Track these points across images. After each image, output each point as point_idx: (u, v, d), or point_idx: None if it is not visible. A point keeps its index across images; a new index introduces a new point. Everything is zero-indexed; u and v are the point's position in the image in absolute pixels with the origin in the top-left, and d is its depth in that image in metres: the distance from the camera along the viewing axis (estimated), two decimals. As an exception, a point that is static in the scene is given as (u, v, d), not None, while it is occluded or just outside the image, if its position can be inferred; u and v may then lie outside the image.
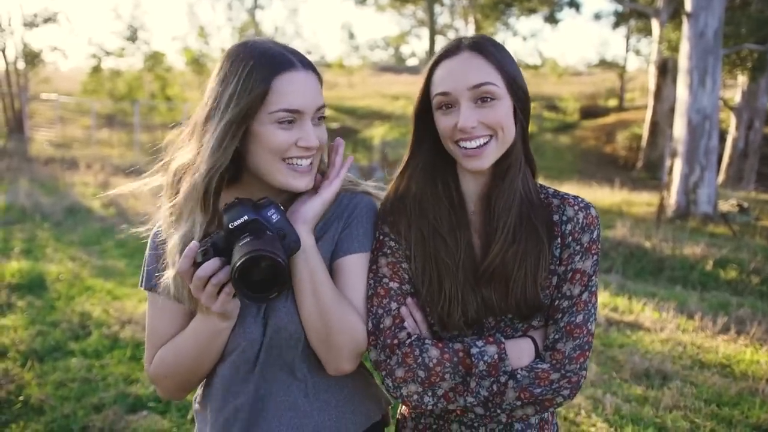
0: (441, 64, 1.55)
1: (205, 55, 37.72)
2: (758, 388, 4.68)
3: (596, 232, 1.57)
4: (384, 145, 23.29)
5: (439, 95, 1.53)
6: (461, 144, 1.52)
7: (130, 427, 3.91)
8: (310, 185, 1.56)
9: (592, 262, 1.56)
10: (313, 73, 1.54)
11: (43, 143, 22.54)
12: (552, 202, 1.60)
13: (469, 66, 1.51)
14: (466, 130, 1.49)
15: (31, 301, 6.19)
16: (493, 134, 1.51)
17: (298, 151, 1.50)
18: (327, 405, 1.63)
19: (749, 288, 8.19)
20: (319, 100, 1.53)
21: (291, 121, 1.48)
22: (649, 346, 5.59)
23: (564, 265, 1.55)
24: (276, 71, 1.47)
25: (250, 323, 1.56)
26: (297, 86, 1.48)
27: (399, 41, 47.01)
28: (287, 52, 1.52)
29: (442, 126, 1.55)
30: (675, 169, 14.06)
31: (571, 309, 1.53)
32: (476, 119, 1.49)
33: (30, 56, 28.67)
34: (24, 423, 3.90)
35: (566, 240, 1.56)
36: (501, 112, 1.51)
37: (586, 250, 1.55)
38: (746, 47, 16.61)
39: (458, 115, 1.50)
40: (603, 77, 41.98)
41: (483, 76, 1.49)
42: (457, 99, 1.50)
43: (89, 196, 12.89)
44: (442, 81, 1.53)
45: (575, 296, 1.54)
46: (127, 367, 4.74)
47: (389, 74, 51.64)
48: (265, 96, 1.46)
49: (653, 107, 23.44)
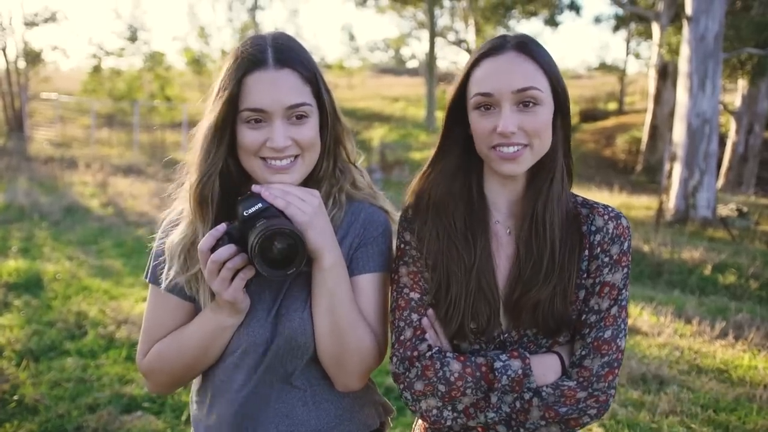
0: (483, 62, 1.47)
1: (205, 56, 37.75)
2: (755, 393, 4.67)
3: (627, 243, 1.50)
4: (383, 146, 23.28)
5: (479, 95, 1.45)
6: (499, 149, 1.44)
7: (124, 427, 3.89)
8: (293, 183, 1.51)
9: (622, 275, 1.49)
10: (291, 70, 1.48)
11: (43, 142, 22.52)
12: (581, 211, 1.54)
13: (514, 67, 1.43)
14: (506, 134, 1.41)
15: (28, 300, 6.17)
16: (528, 143, 1.44)
17: (269, 152, 1.47)
18: (326, 414, 1.61)
19: (748, 293, 8.19)
20: (293, 99, 1.46)
21: (258, 120, 1.46)
22: (646, 350, 5.58)
23: (592, 277, 1.49)
24: (246, 71, 1.46)
25: (256, 326, 1.54)
26: (263, 85, 1.45)
27: (399, 43, 46.98)
28: (265, 50, 1.48)
29: (479, 128, 1.47)
30: (674, 173, 14.06)
31: (599, 324, 1.47)
32: (516, 124, 1.42)
33: (30, 55, 28.65)
34: (18, 422, 3.88)
35: (594, 251, 1.49)
36: (542, 119, 1.44)
37: (615, 262, 1.48)
38: (746, 51, 16.61)
39: (498, 118, 1.43)
40: (603, 81, 42.00)
41: (528, 80, 1.42)
42: (498, 101, 1.43)
43: (87, 195, 12.88)
44: (484, 80, 1.45)
45: (603, 310, 1.47)
46: (122, 367, 4.73)
47: (389, 76, 51.74)
48: (237, 97, 1.46)
49: (653, 111, 23.44)
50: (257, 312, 1.54)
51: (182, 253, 1.56)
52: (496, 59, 1.45)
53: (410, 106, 35.86)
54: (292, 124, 1.48)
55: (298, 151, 1.50)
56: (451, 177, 1.56)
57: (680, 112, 14.02)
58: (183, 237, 1.56)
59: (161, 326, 1.61)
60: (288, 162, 1.49)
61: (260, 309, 1.54)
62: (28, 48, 28.45)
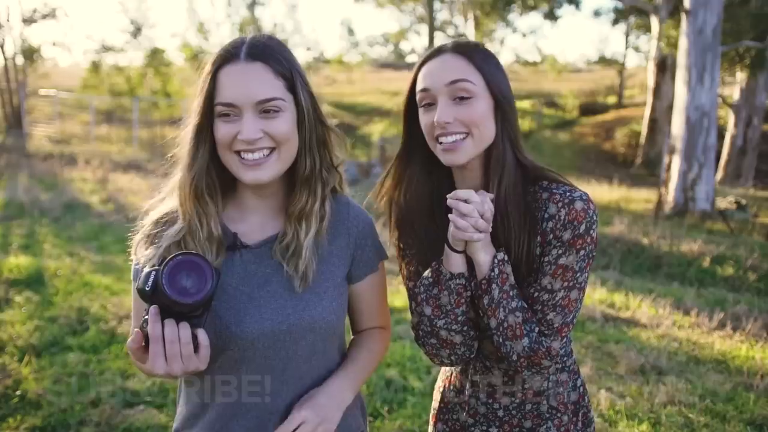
0: (425, 65, 1.62)
1: (205, 52, 37.64)
2: (753, 383, 4.70)
3: (583, 226, 1.53)
4: (383, 141, 23.24)
5: (420, 92, 1.60)
6: (440, 139, 1.57)
7: (126, 421, 3.92)
8: (262, 179, 1.51)
9: (578, 258, 1.54)
10: (263, 63, 1.47)
11: (42, 139, 22.53)
12: (540, 196, 1.59)
13: (447, 64, 1.58)
14: (442, 124, 1.54)
15: (29, 296, 6.20)
16: (468, 132, 1.56)
17: (241, 144, 1.48)
18: None
19: (746, 285, 8.21)
20: (264, 93, 1.46)
21: (228, 114, 1.47)
22: (645, 342, 5.61)
23: (545, 259, 1.57)
24: (219, 66, 1.49)
25: (257, 315, 1.55)
26: (232, 79, 1.46)
27: (398, 38, 46.92)
28: (240, 45, 1.49)
29: (423, 123, 1.62)
30: (673, 166, 14.06)
31: (557, 306, 1.56)
32: (452, 115, 1.54)
33: (29, 52, 28.63)
34: (21, 417, 3.92)
35: (547, 237, 1.56)
36: (478, 111, 1.55)
37: (569, 245, 1.53)
38: (745, 44, 16.62)
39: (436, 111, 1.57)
40: (602, 74, 41.97)
41: (459, 74, 1.55)
42: (435, 96, 1.57)
43: (87, 191, 12.90)
44: (423, 79, 1.60)
45: (558, 291, 1.55)
46: (124, 362, 4.76)
47: (389, 71, 51.59)
48: (212, 93, 1.48)
49: (652, 104, 23.41)
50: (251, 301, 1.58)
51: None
52: (434, 60, 1.61)
53: (408, 101, 35.72)
54: (264, 117, 1.48)
55: (273, 144, 1.49)
56: (421, 178, 1.72)
57: (679, 105, 14.01)
58: (177, 231, 1.56)
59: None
60: (261, 156, 1.49)
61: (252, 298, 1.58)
62: (26, 44, 28.43)
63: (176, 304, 1.34)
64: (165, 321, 1.36)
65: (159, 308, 1.36)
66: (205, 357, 1.40)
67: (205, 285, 1.36)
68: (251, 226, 1.62)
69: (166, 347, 1.35)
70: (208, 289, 1.36)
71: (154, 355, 1.36)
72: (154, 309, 1.35)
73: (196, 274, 1.36)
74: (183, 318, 1.37)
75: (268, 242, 1.60)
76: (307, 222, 1.58)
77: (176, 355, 1.36)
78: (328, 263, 1.63)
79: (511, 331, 1.55)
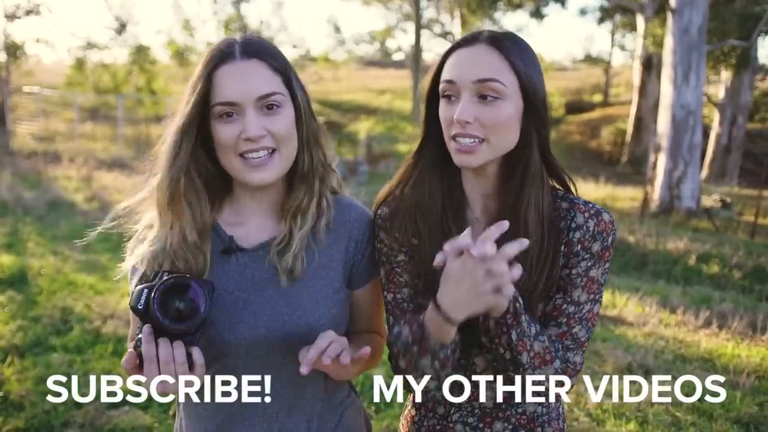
0: (455, 52, 1.46)
1: (190, 49, 37.46)
2: (739, 381, 4.72)
3: (610, 238, 1.48)
4: (369, 139, 23.25)
5: (444, 82, 1.45)
6: (456, 138, 1.43)
7: (111, 422, 3.88)
8: (268, 179, 1.49)
9: (603, 270, 1.49)
10: (259, 60, 1.47)
11: (26, 137, 22.30)
12: (560, 206, 1.51)
13: (480, 58, 1.42)
14: (461, 122, 1.40)
15: (12, 295, 6.13)
16: (485, 138, 1.42)
17: (246, 144, 1.45)
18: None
19: (731, 282, 8.26)
20: (263, 89, 1.45)
21: (230, 114, 1.44)
22: (632, 340, 5.63)
23: (569, 268, 1.48)
24: (215, 66, 1.45)
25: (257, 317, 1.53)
26: (231, 77, 1.44)
27: (385, 35, 46.77)
28: (233, 44, 1.48)
29: (442, 116, 1.47)
30: (659, 164, 14.14)
31: (583, 320, 1.48)
32: (474, 115, 1.40)
33: (12, 48, 28.34)
34: (4, 419, 3.87)
35: (574, 248, 1.47)
36: (503, 114, 1.41)
37: (598, 257, 1.47)
38: (730, 43, 16.71)
39: (458, 107, 1.42)
40: (588, 72, 42.09)
41: (491, 72, 1.40)
42: (459, 90, 1.42)
43: (72, 190, 12.79)
44: (451, 68, 1.45)
45: (585, 304, 1.48)
46: (108, 362, 4.71)
47: (375, 68, 51.62)
48: (208, 94, 1.45)
49: (638, 103, 23.53)
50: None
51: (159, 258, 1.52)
52: (466, 50, 1.45)
53: (396, 98, 35.80)
54: (265, 114, 1.46)
55: (274, 144, 1.47)
56: (429, 173, 1.56)
57: (664, 103, 14.08)
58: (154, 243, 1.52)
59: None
60: (264, 156, 1.47)
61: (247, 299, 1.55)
62: (9, 41, 28.14)
63: (170, 330, 1.33)
64: (159, 341, 1.33)
65: (152, 328, 1.34)
66: (201, 375, 1.37)
67: (199, 307, 1.34)
68: (248, 229, 1.59)
69: (160, 368, 1.33)
70: (202, 312, 1.34)
71: (149, 376, 1.33)
72: (147, 329, 1.33)
73: (188, 297, 1.34)
74: (177, 338, 1.35)
75: (265, 245, 1.57)
76: (302, 218, 1.55)
77: (171, 375, 1.33)
78: (327, 268, 1.59)
79: (539, 358, 1.41)
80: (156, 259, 1.50)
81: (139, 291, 1.35)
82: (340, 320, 1.60)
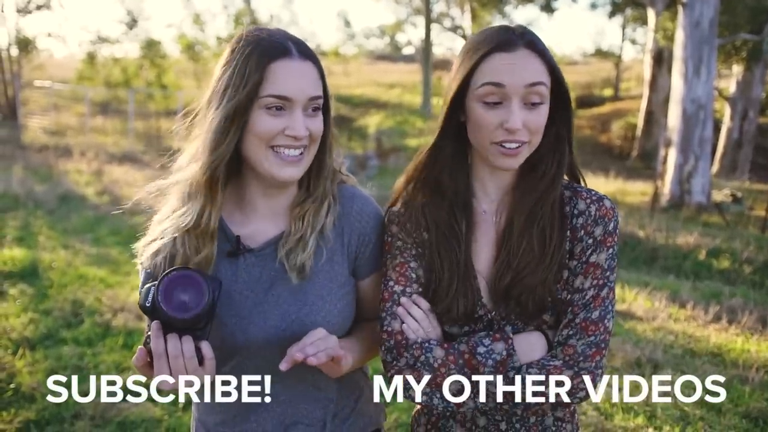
0: (495, 54, 1.43)
1: (201, 43, 37.50)
2: (748, 376, 4.71)
3: (612, 224, 1.50)
4: (379, 133, 23.24)
5: (490, 85, 1.43)
6: (504, 144, 1.44)
7: (121, 414, 3.92)
8: (296, 177, 1.51)
9: (608, 255, 1.49)
10: (312, 63, 1.50)
11: (37, 131, 22.42)
12: (563, 193, 1.55)
13: (527, 63, 1.43)
14: (513, 130, 1.42)
15: (24, 288, 6.18)
16: (528, 141, 1.46)
17: (285, 140, 1.46)
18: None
19: (741, 277, 8.22)
20: (314, 91, 1.48)
21: (280, 107, 1.45)
22: (641, 335, 5.62)
23: (576, 259, 1.50)
24: (271, 58, 1.44)
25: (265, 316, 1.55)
26: (289, 73, 1.45)
27: (395, 29, 46.62)
28: (286, 41, 1.48)
29: (484, 121, 1.45)
30: (669, 158, 14.07)
31: (586, 305, 1.47)
32: (522, 121, 1.42)
33: (23, 43, 28.48)
34: (15, 411, 3.90)
35: (578, 234, 1.50)
36: (543, 117, 1.46)
37: (600, 242, 1.49)
38: (741, 37, 16.60)
39: (506, 113, 1.42)
40: (599, 67, 41.86)
41: (537, 75, 1.43)
42: (508, 95, 1.42)
43: (83, 183, 12.86)
44: (495, 72, 1.43)
45: (588, 290, 1.47)
46: (119, 354, 4.74)
47: (385, 63, 51.48)
48: (260, 84, 1.44)
49: (648, 97, 23.40)
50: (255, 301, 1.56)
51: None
52: (509, 54, 1.43)
53: (406, 92, 35.71)
54: (308, 115, 1.49)
55: (307, 143, 1.51)
56: (444, 168, 1.57)
57: (675, 97, 14.01)
58: (180, 214, 1.52)
59: None
60: (299, 153, 1.50)
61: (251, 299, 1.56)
62: (21, 35, 28.27)
63: (175, 320, 1.33)
64: (167, 336, 1.35)
65: (161, 324, 1.35)
66: (211, 369, 1.39)
67: (203, 298, 1.34)
68: (255, 228, 1.59)
69: (170, 363, 1.34)
70: (206, 302, 1.35)
71: (159, 372, 1.35)
72: (155, 325, 1.35)
73: (192, 288, 1.35)
74: (186, 332, 1.36)
75: (272, 243, 1.57)
76: (315, 218, 1.56)
77: (181, 369, 1.35)
78: (332, 262, 1.59)
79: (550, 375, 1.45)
80: (164, 255, 1.52)
81: (147, 290, 1.37)
82: (347, 313, 1.61)
